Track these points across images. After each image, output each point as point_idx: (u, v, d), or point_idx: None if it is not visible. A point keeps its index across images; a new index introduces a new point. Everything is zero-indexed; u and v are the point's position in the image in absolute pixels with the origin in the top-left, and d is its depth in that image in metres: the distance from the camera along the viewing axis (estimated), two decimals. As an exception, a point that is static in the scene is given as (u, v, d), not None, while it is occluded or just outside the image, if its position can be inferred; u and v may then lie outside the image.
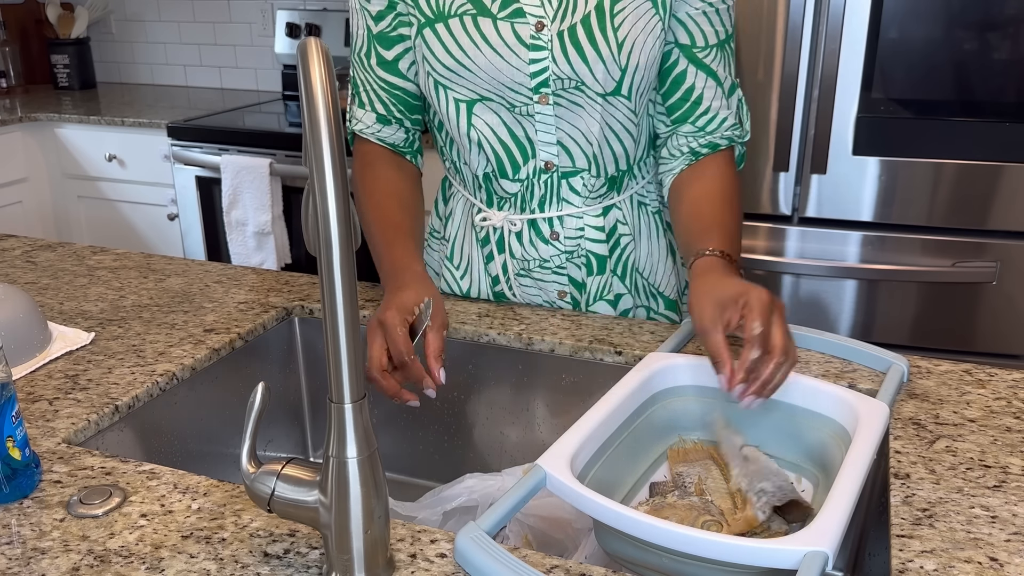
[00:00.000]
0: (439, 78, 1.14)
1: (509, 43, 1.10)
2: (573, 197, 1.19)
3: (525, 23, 1.10)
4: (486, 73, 1.12)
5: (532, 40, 1.10)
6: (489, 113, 1.15)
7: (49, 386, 1.01)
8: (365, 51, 1.19)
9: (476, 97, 1.14)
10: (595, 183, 1.19)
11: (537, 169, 1.17)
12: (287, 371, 1.25)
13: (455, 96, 1.15)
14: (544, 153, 1.16)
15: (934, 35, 1.95)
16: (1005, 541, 0.74)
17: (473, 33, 1.10)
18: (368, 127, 1.22)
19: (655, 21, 1.11)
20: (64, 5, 3.53)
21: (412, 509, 1.00)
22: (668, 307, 1.31)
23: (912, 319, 2.13)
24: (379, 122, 1.21)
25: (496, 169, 1.18)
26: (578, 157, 1.17)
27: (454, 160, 1.25)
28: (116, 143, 2.93)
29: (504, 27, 1.10)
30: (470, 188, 1.25)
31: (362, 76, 1.21)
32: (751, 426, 0.94)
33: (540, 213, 1.20)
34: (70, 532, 0.76)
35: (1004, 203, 2.01)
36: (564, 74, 1.11)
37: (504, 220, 1.21)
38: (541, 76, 1.11)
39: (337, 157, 0.60)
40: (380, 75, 1.19)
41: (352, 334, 0.63)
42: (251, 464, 0.70)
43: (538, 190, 1.19)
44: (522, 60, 1.10)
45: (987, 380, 1.03)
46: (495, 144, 1.17)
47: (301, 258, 2.76)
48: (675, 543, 0.71)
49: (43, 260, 1.44)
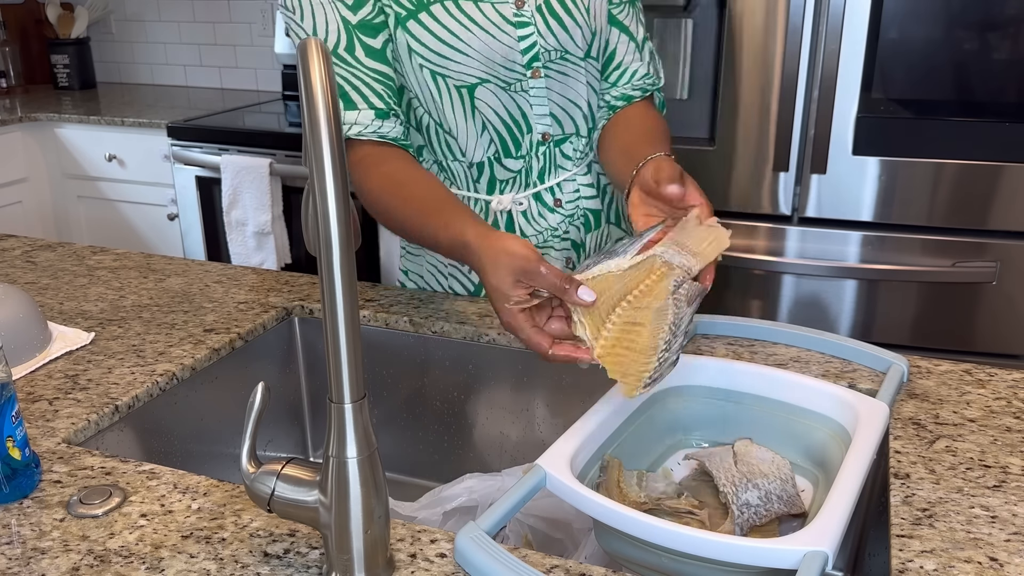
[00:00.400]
0: (434, 67, 1.13)
1: (496, 22, 1.13)
2: (566, 163, 1.24)
3: (504, 2, 1.13)
4: (480, 54, 1.13)
5: (516, 17, 1.13)
6: (488, 95, 1.16)
7: (49, 386, 1.01)
8: (346, 45, 1.11)
9: (475, 80, 1.15)
10: (580, 144, 1.24)
11: (535, 143, 1.21)
12: (287, 371, 1.25)
13: (454, 83, 1.15)
14: (539, 125, 1.20)
15: (934, 35, 1.95)
16: (1005, 541, 0.74)
17: (460, 17, 1.12)
18: (366, 127, 1.12)
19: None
20: (64, 5, 3.53)
21: (412, 509, 1.00)
22: None
23: (912, 319, 2.13)
24: (378, 118, 1.12)
25: (500, 149, 1.20)
26: (567, 123, 1.22)
27: (441, 159, 1.23)
28: (116, 143, 2.93)
29: (487, 7, 1.12)
30: (464, 182, 1.24)
31: (347, 73, 1.12)
32: (751, 426, 0.94)
33: (542, 185, 1.23)
34: (70, 532, 0.76)
35: (1004, 203, 2.01)
36: (550, 45, 1.16)
37: (512, 202, 1.23)
38: (532, 51, 1.15)
39: (337, 157, 0.60)
40: (371, 66, 1.12)
41: (352, 334, 0.63)
42: (251, 464, 0.70)
43: (536, 163, 1.22)
44: (511, 37, 1.13)
45: (987, 380, 1.03)
46: (498, 125, 1.18)
47: (301, 258, 2.76)
48: (675, 543, 0.71)
49: (43, 260, 1.44)
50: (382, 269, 2.61)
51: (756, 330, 1.13)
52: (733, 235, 0.92)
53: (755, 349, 1.10)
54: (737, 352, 1.09)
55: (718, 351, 1.10)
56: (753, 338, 1.13)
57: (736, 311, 2.22)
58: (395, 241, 2.55)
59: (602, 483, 0.86)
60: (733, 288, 2.21)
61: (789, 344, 1.11)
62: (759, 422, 0.94)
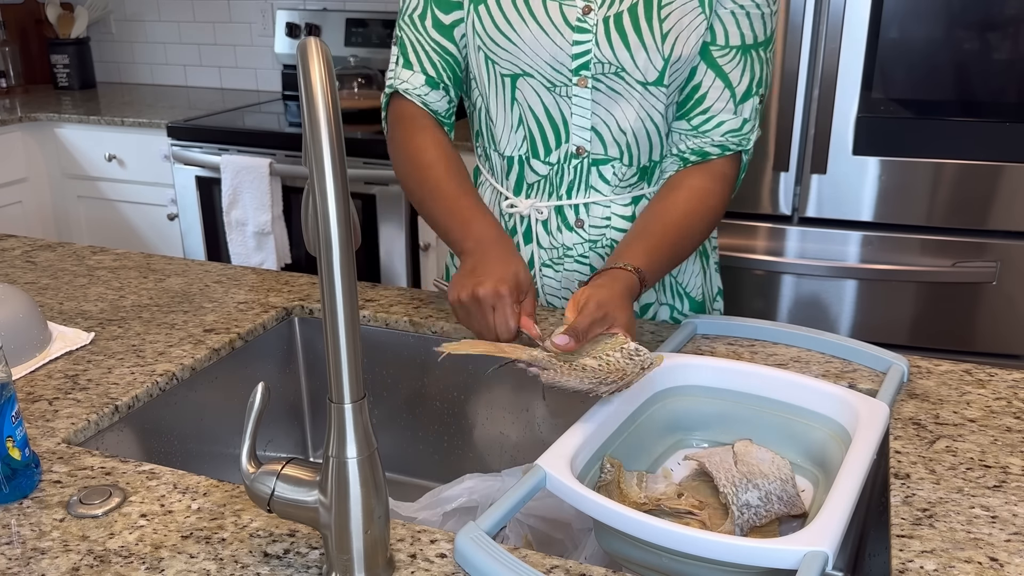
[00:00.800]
0: (488, 52, 1.16)
1: (555, 22, 1.12)
2: (602, 185, 1.20)
3: (573, 5, 1.12)
4: (530, 48, 1.13)
5: (578, 22, 1.12)
6: (529, 89, 1.16)
7: (49, 386, 1.01)
8: (420, 13, 1.19)
9: (519, 72, 1.16)
10: (626, 172, 1.19)
11: (568, 153, 1.18)
12: (287, 371, 1.25)
13: (500, 70, 1.16)
14: (577, 137, 1.17)
15: (934, 35, 1.95)
16: (1005, 541, 0.74)
17: (522, 9, 1.13)
18: (416, 88, 1.19)
19: (700, 18, 1.12)
20: (64, 5, 3.53)
21: (412, 510, 1.00)
22: (693, 308, 1.29)
23: (912, 319, 2.13)
24: (427, 84, 1.19)
25: (530, 148, 1.19)
26: (610, 145, 1.17)
27: (486, 146, 1.25)
28: (116, 143, 2.93)
29: (552, 7, 1.12)
30: (499, 176, 1.25)
31: (413, 37, 1.19)
32: (751, 426, 0.94)
33: (567, 200, 1.21)
34: (70, 532, 0.76)
35: (1004, 203, 2.01)
36: (606, 59, 1.12)
37: (531, 208, 1.22)
38: (583, 59, 1.13)
39: (337, 157, 0.60)
40: (435, 37, 1.19)
41: (352, 334, 0.63)
42: (251, 464, 0.70)
43: (567, 175, 1.19)
44: (565, 40, 1.12)
45: (987, 380, 1.03)
46: (531, 122, 1.18)
47: (301, 258, 2.76)
48: (675, 543, 0.71)
49: (43, 260, 1.44)
50: (382, 269, 2.61)
51: (756, 330, 1.13)
52: (734, 235, 0.91)
53: (755, 349, 1.10)
54: (737, 352, 1.09)
55: (718, 351, 1.10)
56: (753, 338, 1.13)
57: (736, 311, 2.22)
58: (396, 241, 2.55)
59: (602, 483, 0.86)
60: (733, 288, 2.21)
61: (789, 344, 1.11)
62: (759, 422, 0.94)
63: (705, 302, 1.30)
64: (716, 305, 1.33)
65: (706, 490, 0.88)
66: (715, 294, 1.32)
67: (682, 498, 0.87)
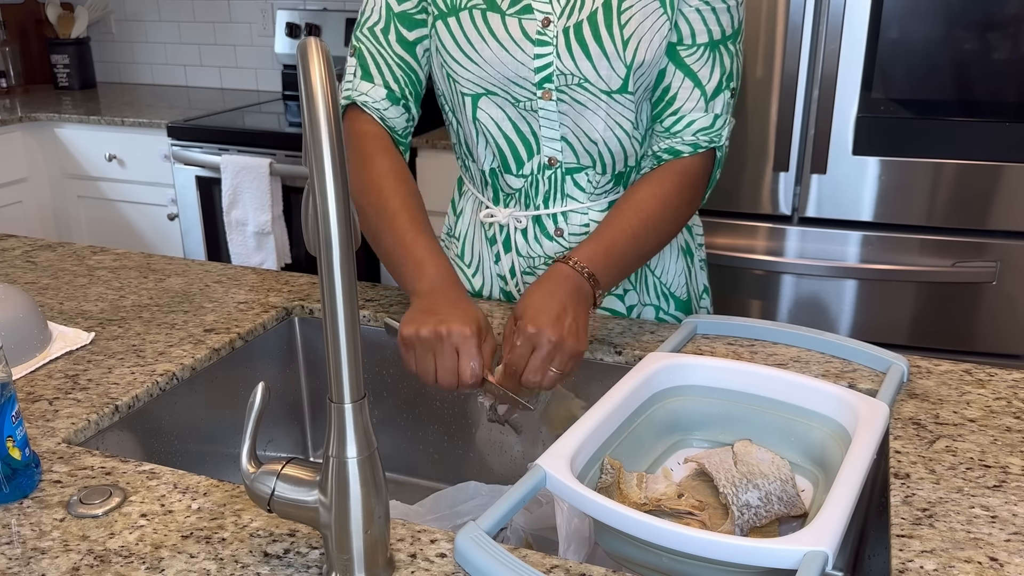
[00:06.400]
0: (450, 70, 1.15)
1: (515, 38, 1.11)
2: (577, 193, 1.19)
3: (532, 19, 1.10)
4: (491, 67, 1.12)
5: (538, 36, 1.10)
6: (494, 107, 1.15)
7: (49, 386, 1.01)
8: (383, 27, 1.16)
9: (481, 91, 1.15)
10: (601, 179, 1.19)
11: (541, 165, 1.17)
12: (287, 371, 1.25)
13: (462, 89, 1.16)
14: (548, 149, 1.16)
15: (934, 35, 1.95)
16: (1005, 541, 0.74)
17: (481, 27, 1.12)
18: (375, 101, 1.16)
19: (662, 20, 1.10)
20: (64, 5, 3.53)
21: (412, 514, 1.00)
22: (679, 308, 1.28)
23: (912, 319, 2.13)
24: (388, 99, 1.17)
25: (501, 164, 1.19)
26: (582, 154, 1.16)
27: (464, 156, 1.25)
28: (116, 143, 2.93)
29: (512, 22, 1.11)
30: (478, 185, 1.25)
31: (375, 49, 1.17)
32: (751, 426, 0.94)
33: (545, 209, 1.20)
34: (70, 532, 0.76)
35: (1004, 203, 2.01)
36: (568, 70, 1.11)
37: (509, 217, 1.21)
38: (545, 71, 1.11)
39: (337, 157, 0.60)
40: (398, 52, 1.17)
41: (352, 334, 0.63)
42: (251, 464, 0.70)
43: (542, 186, 1.19)
44: (526, 55, 1.11)
45: (987, 380, 1.03)
46: (499, 138, 1.17)
47: (301, 258, 2.76)
48: (675, 543, 0.71)
49: (43, 260, 1.44)
50: (382, 269, 2.61)
51: (756, 330, 1.13)
52: (734, 235, 0.91)
53: (755, 349, 1.10)
54: (737, 352, 1.09)
55: (718, 351, 1.10)
56: (753, 338, 1.13)
57: (736, 311, 2.22)
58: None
59: (602, 485, 0.86)
60: (733, 288, 2.21)
61: (789, 344, 1.11)
62: (759, 422, 0.94)
63: (691, 301, 1.30)
64: (703, 303, 1.33)
65: (706, 490, 0.88)
66: (701, 292, 1.32)
67: (682, 498, 0.87)
